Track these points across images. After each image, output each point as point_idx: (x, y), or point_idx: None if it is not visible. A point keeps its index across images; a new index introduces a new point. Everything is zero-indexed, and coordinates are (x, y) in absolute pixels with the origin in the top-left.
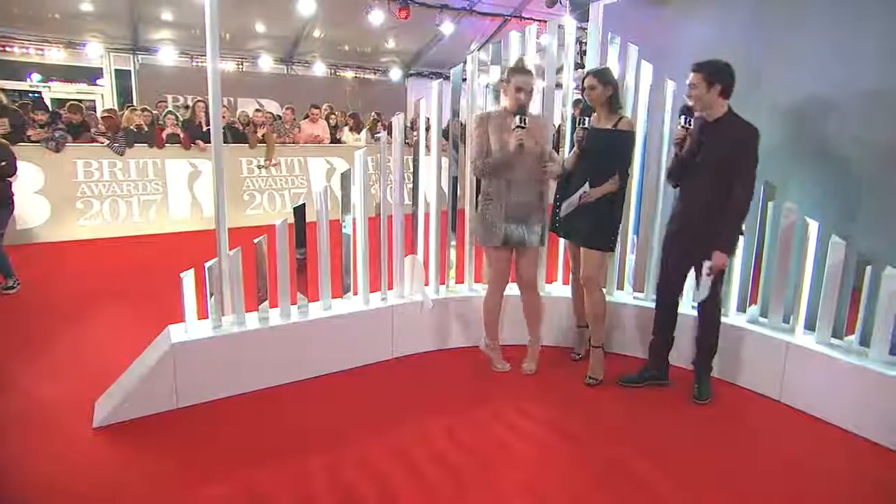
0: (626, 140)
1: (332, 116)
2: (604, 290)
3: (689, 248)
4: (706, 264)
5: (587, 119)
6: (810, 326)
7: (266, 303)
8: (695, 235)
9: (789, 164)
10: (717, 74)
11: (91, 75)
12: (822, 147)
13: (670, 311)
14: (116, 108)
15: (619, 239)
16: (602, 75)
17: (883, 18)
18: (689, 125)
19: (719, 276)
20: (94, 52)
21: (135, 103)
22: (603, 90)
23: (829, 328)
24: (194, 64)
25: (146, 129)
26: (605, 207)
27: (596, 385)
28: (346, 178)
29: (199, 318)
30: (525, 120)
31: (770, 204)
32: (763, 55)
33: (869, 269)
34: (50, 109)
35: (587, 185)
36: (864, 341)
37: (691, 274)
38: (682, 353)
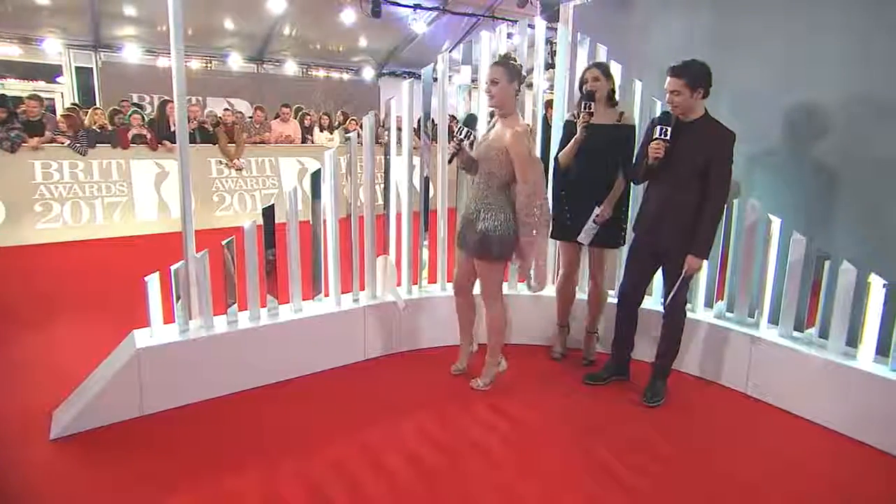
0: (629, 135)
1: (308, 117)
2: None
3: (659, 250)
4: (685, 266)
5: (592, 104)
6: (774, 320)
7: (235, 306)
8: (666, 237)
9: (752, 163)
10: (699, 80)
11: (50, 73)
12: (784, 147)
13: (632, 311)
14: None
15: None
16: (605, 68)
17: (844, 23)
18: (668, 137)
19: (687, 281)
20: (51, 49)
21: (98, 102)
22: (605, 83)
23: (791, 322)
24: (160, 62)
25: (110, 128)
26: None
27: (589, 366)
28: (316, 178)
29: (165, 323)
30: (464, 129)
31: (735, 201)
32: (727, 55)
33: (827, 264)
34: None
35: (596, 207)
36: (824, 333)
37: (658, 275)
38: (646, 348)
